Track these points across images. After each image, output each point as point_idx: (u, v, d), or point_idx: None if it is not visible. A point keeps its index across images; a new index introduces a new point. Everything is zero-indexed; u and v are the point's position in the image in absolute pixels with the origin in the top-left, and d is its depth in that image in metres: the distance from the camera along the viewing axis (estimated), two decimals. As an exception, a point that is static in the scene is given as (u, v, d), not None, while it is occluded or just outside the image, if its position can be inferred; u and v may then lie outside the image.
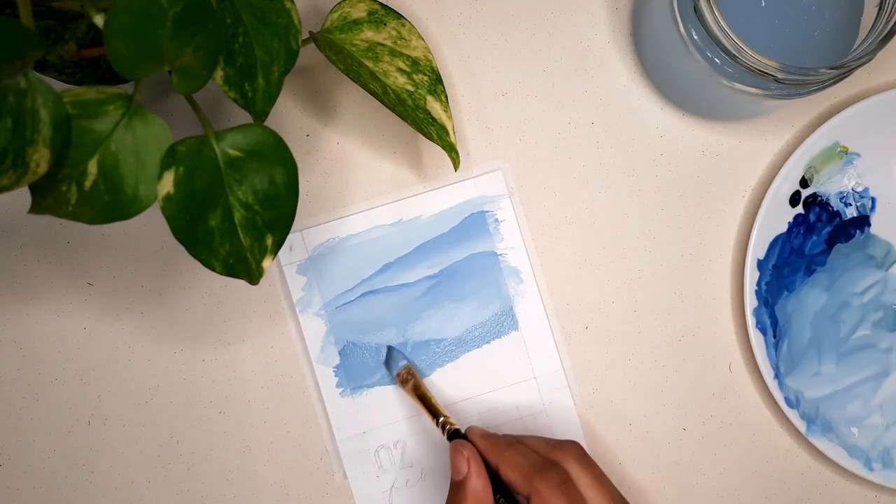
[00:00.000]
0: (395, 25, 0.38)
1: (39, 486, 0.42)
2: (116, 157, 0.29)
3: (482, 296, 0.43)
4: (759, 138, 0.43)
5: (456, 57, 0.43)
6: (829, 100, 0.43)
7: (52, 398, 0.43)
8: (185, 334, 0.43)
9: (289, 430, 0.43)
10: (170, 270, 0.43)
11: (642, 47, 0.42)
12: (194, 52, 0.29)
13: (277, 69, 0.33)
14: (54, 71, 0.36)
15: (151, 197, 0.30)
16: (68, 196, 0.29)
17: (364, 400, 0.43)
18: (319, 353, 0.43)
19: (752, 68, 0.34)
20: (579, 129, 0.43)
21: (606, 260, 0.43)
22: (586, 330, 0.43)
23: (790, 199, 0.42)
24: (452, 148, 0.39)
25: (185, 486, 0.43)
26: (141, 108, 0.30)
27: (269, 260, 0.33)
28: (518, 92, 0.43)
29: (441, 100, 0.39)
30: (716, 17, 0.33)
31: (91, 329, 0.43)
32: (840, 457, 0.41)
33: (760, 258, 0.42)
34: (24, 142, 0.27)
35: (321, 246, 0.43)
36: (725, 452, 0.43)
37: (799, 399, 0.42)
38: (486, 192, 0.43)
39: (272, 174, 0.32)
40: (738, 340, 0.43)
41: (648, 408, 0.43)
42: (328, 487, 0.43)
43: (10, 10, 0.31)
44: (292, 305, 0.43)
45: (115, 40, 0.27)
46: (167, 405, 0.43)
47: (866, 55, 0.33)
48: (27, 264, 0.43)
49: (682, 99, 0.43)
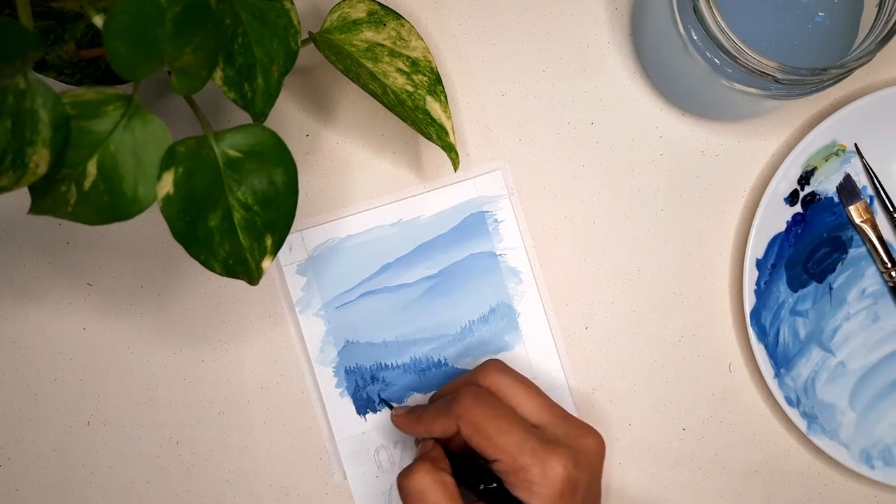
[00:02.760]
0: (395, 26, 0.38)
1: (39, 486, 0.42)
2: (116, 157, 0.29)
3: (482, 296, 0.43)
4: (759, 138, 0.43)
5: (456, 57, 0.43)
6: (827, 99, 0.43)
7: (51, 398, 0.43)
8: (185, 334, 0.43)
9: (288, 430, 0.43)
10: (170, 270, 0.43)
11: (642, 47, 0.42)
12: (193, 53, 0.29)
13: (277, 70, 0.33)
14: (54, 71, 0.36)
15: (151, 197, 0.30)
16: (68, 197, 0.29)
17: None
18: (319, 353, 0.43)
19: (751, 68, 0.34)
20: (579, 129, 0.43)
21: (606, 260, 0.43)
22: (586, 330, 0.43)
23: (788, 198, 0.42)
24: (452, 148, 0.39)
25: (185, 487, 0.42)
26: (140, 109, 0.30)
27: (268, 260, 0.33)
28: (518, 92, 0.43)
29: (440, 100, 0.39)
30: (715, 17, 0.33)
31: (91, 329, 0.43)
32: (841, 455, 0.41)
33: (759, 257, 0.42)
34: (24, 142, 0.27)
35: (321, 246, 0.43)
36: (725, 452, 0.43)
37: (799, 398, 0.42)
38: (486, 192, 0.43)
39: (272, 175, 0.32)
40: (737, 340, 0.43)
41: (648, 408, 0.43)
42: (328, 487, 0.43)
43: (9, 11, 0.31)
44: (292, 306, 0.43)
45: (114, 41, 0.27)
46: (167, 405, 0.43)
47: (866, 55, 0.33)
48: (27, 264, 0.43)
49: (681, 99, 0.43)
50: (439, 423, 0.36)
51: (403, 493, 0.34)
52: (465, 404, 0.35)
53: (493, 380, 0.36)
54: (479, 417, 0.34)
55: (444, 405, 0.36)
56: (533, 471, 0.33)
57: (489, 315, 0.43)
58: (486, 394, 0.35)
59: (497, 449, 0.33)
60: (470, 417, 0.34)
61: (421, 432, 0.37)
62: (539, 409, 0.36)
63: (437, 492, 0.34)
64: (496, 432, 0.34)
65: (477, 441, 0.34)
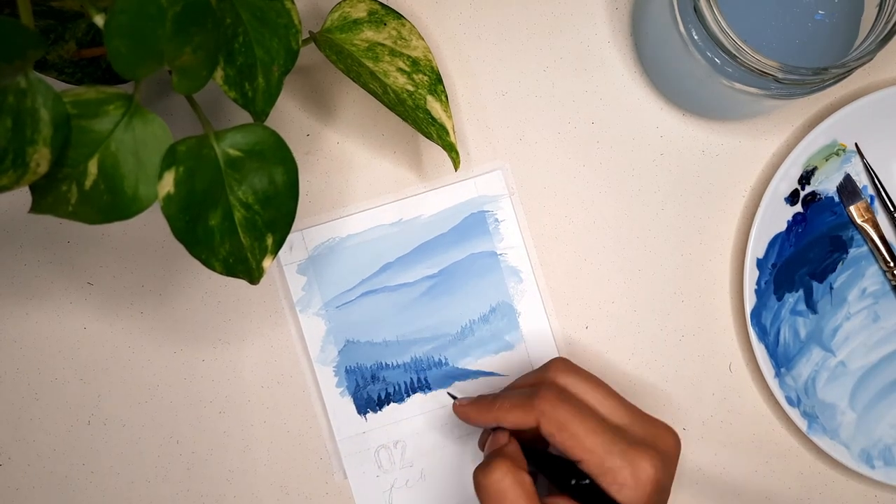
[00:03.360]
0: (396, 25, 0.38)
1: (39, 486, 0.42)
2: (116, 157, 0.29)
3: (482, 296, 0.43)
4: (759, 138, 0.43)
5: (456, 57, 0.43)
6: (828, 98, 0.43)
7: (52, 398, 0.43)
8: (185, 334, 0.43)
9: (289, 429, 0.43)
10: (170, 270, 0.43)
11: (642, 47, 0.42)
12: (194, 52, 0.29)
13: (277, 69, 0.33)
14: (54, 71, 0.36)
15: (151, 197, 0.30)
16: (68, 196, 0.29)
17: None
18: (319, 353, 0.43)
19: (751, 68, 0.34)
20: (579, 129, 0.43)
21: (606, 260, 0.43)
22: (586, 330, 0.43)
23: (789, 197, 0.42)
24: (452, 148, 0.39)
25: (185, 486, 0.43)
26: (141, 108, 0.30)
27: (269, 260, 0.33)
28: (518, 92, 0.43)
29: (441, 100, 0.39)
30: (716, 17, 0.33)
31: (91, 329, 0.43)
32: (841, 455, 0.41)
33: (760, 257, 0.42)
34: (24, 141, 0.27)
35: (321, 246, 0.43)
36: (725, 452, 0.43)
37: (799, 397, 0.42)
38: (486, 191, 0.43)
39: (272, 174, 0.32)
40: (738, 340, 0.43)
41: (649, 408, 0.43)
42: (328, 487, 0.43)
43: (9, 10, 0.31)
44: (292, 305, 0.43)
45: (114, 40, 0.27)
46: (167, 405, 0.43)
47: (866, 55, 0.33)
48: (27, 264, 0.43)
49: (682, 99, 0.43)
50: (514, 414, 0.35)
51: (481, 489, 0.34)
52: (549, 401, 0.34)
53: (565, 379, 0.36)
54: (564, 416, 0.33)
55: (522, 397, 0.35)
56: (623, 473, 0.33)
57: (489, 314, 0.43)
58: (569, 392, 0.35)
59: (584, 449, 0.33)
60: (554, 415, 0.33)
61: (489, 421, 0.36)
62: (616, 409, 0.35)
63: (516, 493, 0.33)
64: (584, 432, 0.33)
65: (561, 439, 0.33)
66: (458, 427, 0.43)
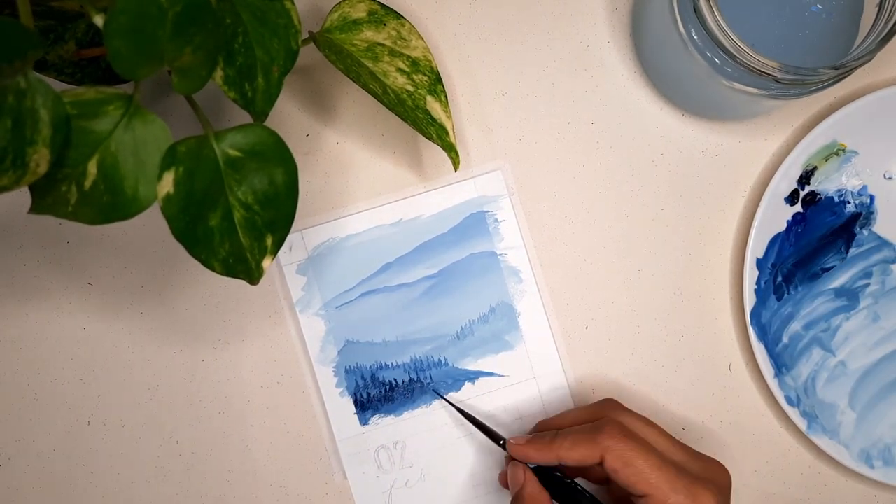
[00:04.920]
0: (395, 25, 0.38)
1: (39, 486, 0.42)
2: (116, 157, 0.29)
3: (482, 296, 0.43)
4: (759, 138, 0.43)
5: (456, 57, 0.43)
6: (828, 98, 0.43)
7: (51, 398, 0.43)
8: (185, 334, 0.43)
9: (289, 430, 0.43)
10: (170, 270, 0.43)
11: (642, 47, 0.42)
12: (194, 52, 0.29)
13: (277, 69, 0.33)
14: (54, 71, 0.36)
15: (151, 197, 0.30)
16: (68, 196, 0.29)
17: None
18: (319, 353, 0.43)
19: (751, 68, 0.34)
20: (579, 129, 0.43)
21: (606, 260, 0.43)
22: (586, 330, 0.43)
23: (789, 197, 0.42)
24: (452, 148, 0.39)
25: (185, 486, 0.43)
26: (140, 109, 0.30)
27: (268, 260, 0.33)
28: (518, 92, 0.43)
29: (441, 100, 0.39)
30: (716, 17, 0.33)
31: (91, 329, 0.43)
32: (841, 455, 0.41)
33: (759, 257, 0.42)
34: (24, 142, 0.27)
35: (321, 246, 0.43)
36: (725, 452, 0.43)
37: (799, 397, 0.42)
38: (486, 192, 0.43)
39: (272, 174, 0.32)
40: (738, 340, 0.43)
41: (648, 408, 0.43)
42: (328, 487, 0.43)
43: (9, 10, 0.31)
44: (292, 305, 0.43)
45: (114, 40, 0.27)
46: (167, 405, 0.43)
47: (866, 55, 0.33)
48: (27, 264, 0.43)
49: (682, 99, 0.43)
50: (578, 451, 0.35)
51: None
52: (614, 438, 0.35)
53: (623, 417, 0.37)
54: (629, 453, 0.34)
55: (584, 434, 0.36)
56: None
57: (489, 315, 0.43)
58: (631, 430, 0.36)
59: (649, 485, 0.34)
60: (619, 451, 0.34)
61: (551, 459, 0.37)
62: (671, 447, 0.36)
63: None
64: (649, 468, 0.34)
65: (625, 475, 0.34)
66: (457, 427, 0.43)
